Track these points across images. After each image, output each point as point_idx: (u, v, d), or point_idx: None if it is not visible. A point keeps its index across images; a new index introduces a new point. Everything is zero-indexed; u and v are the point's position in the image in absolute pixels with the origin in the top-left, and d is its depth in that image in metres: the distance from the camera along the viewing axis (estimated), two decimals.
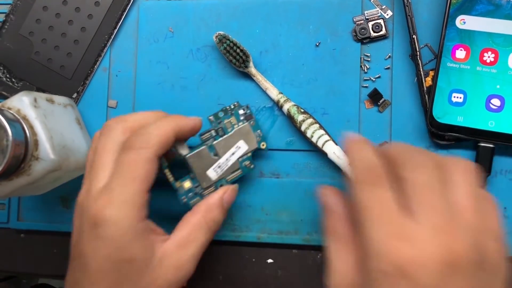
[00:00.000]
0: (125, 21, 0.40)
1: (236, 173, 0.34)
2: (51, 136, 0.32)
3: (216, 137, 0.34)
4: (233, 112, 0.35)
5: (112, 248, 0.27)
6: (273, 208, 0.37)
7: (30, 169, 0.31)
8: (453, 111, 0.34)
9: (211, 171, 0.34)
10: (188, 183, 0.33)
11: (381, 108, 0.36)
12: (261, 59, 0.37)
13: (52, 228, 0.40)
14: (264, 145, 0.35)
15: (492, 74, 0.33)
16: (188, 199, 0.33)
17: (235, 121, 0.35)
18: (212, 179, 0.34)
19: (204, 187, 0.34)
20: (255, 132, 0.35)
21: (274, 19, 0.38)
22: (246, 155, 0.35)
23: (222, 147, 0.34)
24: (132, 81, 0.39)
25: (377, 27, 0.36)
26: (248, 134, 0.35)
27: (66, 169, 0.33)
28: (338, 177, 0.36)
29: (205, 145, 0.34)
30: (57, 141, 0.32)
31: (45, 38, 0.40)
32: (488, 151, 0.33)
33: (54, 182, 0.34)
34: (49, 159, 0.31)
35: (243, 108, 0.35)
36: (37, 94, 0.33)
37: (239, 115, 0.35)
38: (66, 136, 0.34)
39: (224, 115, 0.35)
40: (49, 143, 0.31)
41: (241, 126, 0.35)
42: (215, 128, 0.35)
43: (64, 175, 0.34)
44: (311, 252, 0.37)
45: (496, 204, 0.25)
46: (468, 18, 0.34)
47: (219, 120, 0.35)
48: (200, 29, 0.38)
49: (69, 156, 0.33)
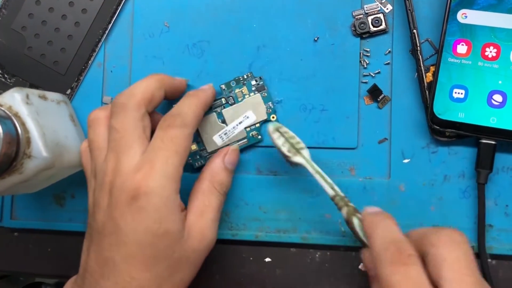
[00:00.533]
0: (120, 15, 0.39)
1: (243, 141, 0.36)
2: (44, 133, 0.31)
3: (226, 105, 0.35)
4: (245, 82, 0.36)
5: (152, 220, 0.28)
6: (271, 206, 0.36)
7: (22, 167, 0.30)
8: (454, 107, 0.33)
9: (217, 137, 0.35)
10: (194, 145, 0.36)
11: (380, 104, 0.36)
12: (258, 54, 0.37)
13: (46, 227, 0.39)
14: (274, 117, 0.36)
15: (494, 69, 0.33)
16: (193, 160, 0.36)
17: (246, 91, 0.36)
18: (217, 145, 0.36)
19: (209, 151, 0.36)
20: (266, 104, 0.36)
21: (272, 13, 0.37)
22: (254, 126, 0.35)
23: (230, 115, 0.35)
24: (127, 76, 0.38)
25: (377, 22, 0.35)
26: (259, 105, 0.35)
27: (59, 166, 0.32)
28: (337, 175, 0.36)
29: (214, 112, 0.35)
30: (50, 138, 0.32)
31: (38, 33, 0.39)
32: (490, 148, 0.33)
33: (47, 180, 0.34)
34: (42, 157, 0.30)
35: (256, 79, 0.36)
36: (30, 90, 0.33)
37: (251, 86, 0.36)
38: (59, 133, 0.33)
39: (236, 85, 0.36)
40: (41, 140, 0.31)
41: (252, 96, 0.35)
42: (226, 97, 0.35)
43: (58, 173, 0.34)
44: (309, 250, 0.36)
45: None
46: (469, 12, 0.33)
47: (231, 89, 0.36)
48: (197, 24, 0.38)
49: (62, 153, 0.32)
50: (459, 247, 0.25)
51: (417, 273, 0.25)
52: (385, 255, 0.26)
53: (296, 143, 0.32)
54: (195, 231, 0.30)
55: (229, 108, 0.36)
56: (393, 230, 0.27)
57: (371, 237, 0.27)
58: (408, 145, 0.35)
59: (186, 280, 0.30)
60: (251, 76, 0.36)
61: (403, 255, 0.25)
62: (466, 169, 0.34)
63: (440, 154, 0.35)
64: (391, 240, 0.26)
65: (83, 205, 0.39)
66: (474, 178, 0.34)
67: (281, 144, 0.32)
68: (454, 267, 0.25)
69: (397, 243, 0.26)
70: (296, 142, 0.32)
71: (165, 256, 0.28)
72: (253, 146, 0.36)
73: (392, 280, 0.24)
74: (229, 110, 0.36)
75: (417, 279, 0.24)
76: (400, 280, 0.24)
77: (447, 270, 0.24)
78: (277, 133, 0.32)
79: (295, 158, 0.32)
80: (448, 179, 0.35)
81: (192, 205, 0.31)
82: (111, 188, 0.29)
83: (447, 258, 0.25)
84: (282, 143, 0.32)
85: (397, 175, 0.35)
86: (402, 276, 0.24)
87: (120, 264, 0.28)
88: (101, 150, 0.31)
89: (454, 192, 0.34)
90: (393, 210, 0.35)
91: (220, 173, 0.33)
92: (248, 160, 0.37)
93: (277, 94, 0.36)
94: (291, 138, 0.32)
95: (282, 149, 0.32)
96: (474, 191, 0.34)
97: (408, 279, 0.24)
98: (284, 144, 0.32)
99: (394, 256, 0.25)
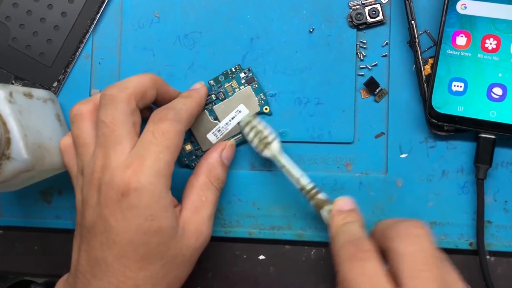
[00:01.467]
0: (108, 5, 0.37)
1: (237, 137, 0.35)
2: (26, 134, 0.30)
3: (216, 101, 0.34)
4: (234, 75, 0.35)
5: (143, 217, 0.27)
6: (265, 202, 0.35)
7: (1, 169, 0.29)
8: (453, 100, 0.32)
9: (211, 135, 0.35)
10: (188, 145, 0.35)
11: (377, 98, 0.35)
12: (252, 46, 0.36)
13: (33, 224, 0.38)
14: (267, 108, 0.35)
15: (494, 61, 0.32)
16: (189, 161, 0.35)
17: (236, 84, 0.35)
18: (212, 143, 0.35)
19: (204, 150, 0.35)
20: (258, 95, 0.34)
21: (266, 3, 0.36)
22: None
23: (222, 111, 0.35)
24: (116, 68, 0.37)
25: (374, 13, 0.34)
26: (250, 98, 0.34)
27: (40, 169, 0.31)
28: (332, 170, 0.35)
29: (205, 110, 0.35)
30: (32, 139, 0.30)
31: (23, 24, 0.37)
32: (489, 142, 0.32)
33: (28, 180, 0.32)
34: (22, 159, 0.29)
35: (245, 71, 0.35)
36: (14, 87, 0.31)
37: (241, 78, 0.35)
38: (43, 134, 0.32)
39: (225, 79, 0.35)
40: (22, 141, 0.29)
41: (242, 89, 0.34)
42: (215, 93, 0.34)
43: (39, 175, 0.32)
44: (304, 248, 0.36)
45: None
46: (469, 2, 0.32)
47: (220, 84, 0.35)
48: (188, 14, 0.36)
49: (44, 155, 0.31)
50: (416, 241, 0.25)
51: (373, 269, 0.24)
52: (342, 252, 0.26)
53: (264, 137, 0.32)
54: (191, 228, 0.29)
55: (220, 104, 0.35)
56: (354, 231, 0.27)
57: (333, 239, 0.28)
58: (406, 139, 0.34)
59: (181, 278, 0.30)
60: (239, 69, 0.35)
61: (359, 251, 0.25)
62: (465, 164, 0.34)
63: (438, 149, 0.34)
64: (350, 238, 0.26)
65: (70, 202, 0.37)
66: (473, 173, 0.33)
67: (250, 139, 0.33)
68: (410, 262, 0.24)
69: (355, 240, 0.26)
70: (265, 136, 0.32)
71: (159, 254, 0.28)
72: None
73: (349, 277, 0.24)
74: (220, 105, 0.35)
75: (373, 274, 0.24)
76: (357, 277, 0.24)
77: (403, 266, 0.24)
78: (248, 127, 0.33)
79: (264, 153, 0.32)
80: (446, 174, 0.34)
81: (187, 200, 0.30)
82: (100, 185, 0.28)
83: (403, 253, 0.24)
84: (251, 139, 0.33)
85: (394, 170, 0.34)
86: (359, 272, 0.24)
87: (113, 264, 0.27)
88: (87, 146, 0.30)
89: (453, 187, 0.34)
90: (390, 206, 0.34)
91: (217, 167, 0.32)
92: (242, 156, 0.36)
93: (271, 87, 0.35)
94: (260, 132, 0.33)
95: (251, 144, 0.33)
96: (473, 186, 0.33)
97: (364, 275, 0.24)
98: (254, 139, 0.33)
99: (350, 253, 0.25)
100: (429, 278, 0.24)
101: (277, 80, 0.35)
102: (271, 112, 0.35)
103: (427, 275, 0.24)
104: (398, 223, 0.26)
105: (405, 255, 0.24)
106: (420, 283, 0.23)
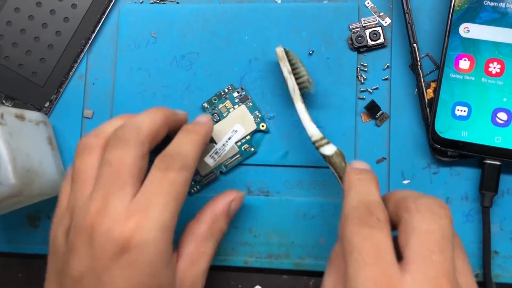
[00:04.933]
0: (104, 25, 0.37)
1: (236, 157, 0.34)
2: (14, 157, 0.29)
3: None
4: (228, 95, 0.34)
5: (144, 274, 0.24)
6: (262, 229, 0.34)
7: None
8: (456, 125, 0.31)
9: (209, 158, 0.34)
10: None
11: (379, 122, 0.34)
12: (250, 68, 0.35)
13: (17, 250, 0.36)
14: (264, 126, 0.34)
15: (498, 86, 0.31)
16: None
17: (230, 104, 0.34)
18: (210, 166, 0.34)
19: (203, 174, 0.34)
20: (253, 113, 0.34)
21: (265, 25, 0.35)
22: (244, 139, 0.34)
23: (218, 133, 0.34)
24: (110, 89, 0.36)
25: (375, 35, 0.34)
26: (245, 116, 0.34)
27: (28, 194, 0.30)
28: (332, 196, 0.34)
29: None
30: (21, 163, 0.29)
31: (16, 42, 0.37)
32: (495, 169, 0.31)
33: (14, 205, 0.31)
34: (9, 184, 0.28)
35: (238, 90, 0.34)
36: (6, 109, 0.30)
37: (234, 98, 0.34)
38: (33, 158, 0.31)
39: (219, 100, 0.34)
40: (11, 165, 0.28)
41: (237, 108, 0.34)
42: (210, 115, 0.34)
43: (25, 200, 0.31)
44: (303, 277, 0.34)
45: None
46: (472, 26, 0.31)
47: (213, 106, 0.34)
48: (185, 35, 0.36)
49: (33, 180, 0.30)
50: (435, 219, 0.22)
51: (380, 239, 0.22)
52: (352, 213, 0.23)
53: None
54: (187, 281, 0.27)
55: (215, 126, 0.34)
56: (370, 192, 0.25)
57: (346, 195, 0.25)
58: (408, 165, 0.33)
59: None
60: (232, 88, 0.34)
61: (371, 217, 0.23)
62: (470, 191, 0.33)
63: (442, 175, 0.33)
64: (364, 200, 0.24)
65: None
66: (478, 201, 0.32)
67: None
68: (423, 239, 0.22)
69: (369, 204, 0.24)
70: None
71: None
72: (243, 164, 0.34)
73: (353, 240, 0.22)
74: (216, 127, 0.34)
75: (379, 244, 0.22)
76: (362, 242, 0.22)
77: (414, 241, 0.22)
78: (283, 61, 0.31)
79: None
80: (450, 201, 0.33)
81: (185, 250, 0.28)
82: (93, 234, 0.25)
83: (418, 227, 0.22)
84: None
85: None
86: (365, 238, 0.22)
87: None
88: (86, 183, 0.27)
89: (457, 215, 0.32)
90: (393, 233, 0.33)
91: (222, 220, 0.30)
92: (238, 179, 0.34)
93: (270, 109, 0.34)
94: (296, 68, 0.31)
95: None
96: (478, 214, 0.32)
97: (369, 243, 0.22)
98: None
99: (361, 217, 0.23)
100: (438, 261, 0.21)
101: (276, 102, 0.34)
102: (268, 129, 0.34)
103: (436, 258, 0.21)
104: (420, 197, 0.24)
105: (420, 230, 0.22)
106: (426, 263, 0.21)
